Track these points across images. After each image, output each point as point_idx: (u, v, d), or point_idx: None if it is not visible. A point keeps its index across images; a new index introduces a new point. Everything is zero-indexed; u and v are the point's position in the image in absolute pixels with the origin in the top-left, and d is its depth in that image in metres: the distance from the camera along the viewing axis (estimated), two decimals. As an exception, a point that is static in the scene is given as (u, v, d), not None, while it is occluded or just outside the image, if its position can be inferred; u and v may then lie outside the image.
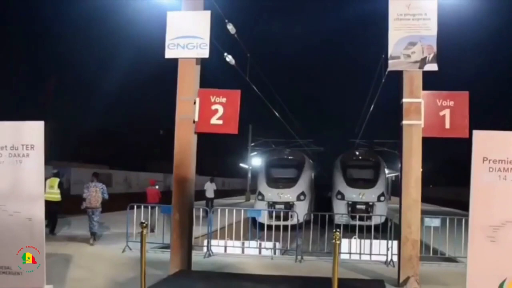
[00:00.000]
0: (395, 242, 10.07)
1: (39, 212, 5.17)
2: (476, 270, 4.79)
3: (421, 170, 8.86)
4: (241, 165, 42.11)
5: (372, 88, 18.70)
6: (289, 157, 25.76)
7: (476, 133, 4.82)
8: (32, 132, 5.19)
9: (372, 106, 22.03)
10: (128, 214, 12.22)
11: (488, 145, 4.76)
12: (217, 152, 55.75)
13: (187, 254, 9.22)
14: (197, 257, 10.65)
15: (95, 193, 12.56)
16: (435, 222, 11.33)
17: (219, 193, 44.19)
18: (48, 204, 10.97)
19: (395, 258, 10.14)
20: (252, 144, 39.05)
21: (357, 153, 27.32)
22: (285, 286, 7.79)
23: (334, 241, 5.28)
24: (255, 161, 37.42)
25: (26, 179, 5.17)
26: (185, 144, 9.20)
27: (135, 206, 12.42)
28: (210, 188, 26.41)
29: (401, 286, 8.67)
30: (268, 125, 36.04)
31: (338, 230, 5.45)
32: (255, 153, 38.85)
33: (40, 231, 5.19)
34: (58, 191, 13.41)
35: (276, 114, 24.65)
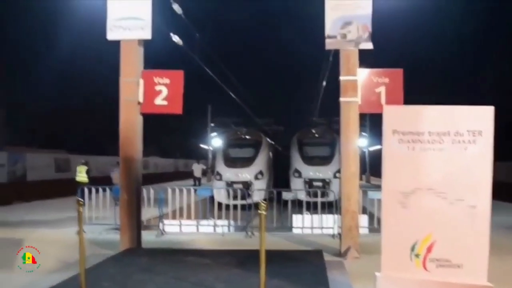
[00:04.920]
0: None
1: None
2: (390, 234, 5.18)
3: (358, 144, 9.27)
4: (201, 145, 42.14)
5: (324, 66, 19.05)
6: (247, 137, 25.96)
7: (387, 108, 5.17)
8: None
9: (324, 84, 22.41)
10: (79, 197, 12.30)
11: (397, 118, 5.11)
12: (179, 134, 55.51)
13: (136, 232, 9.44)
14: (150, 237, 10.86)
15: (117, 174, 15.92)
16: (378, 194, 11.80)
17: (183, 175, 44.25)
18: (79, 184, 16.91)
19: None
20: (212, 124, 39.08)
21: (313, 130, 27.68)
22: (227, 258, 8.11)
23: (259, 211, 5.52)
24: (215, 141, 37.55)
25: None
26: (130, 125, 9.35)
27: (86, 190, 12.49)
28: (197, 168, 27.26)
29: (342, 255, 9.12)
30: (229, 105, 36.14)
31: (265, 201, 5.71)
32: (215, 133, 38.93)
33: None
34: (85, 175, 18.39)
35: (232, 94, 24.81)
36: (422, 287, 5.15)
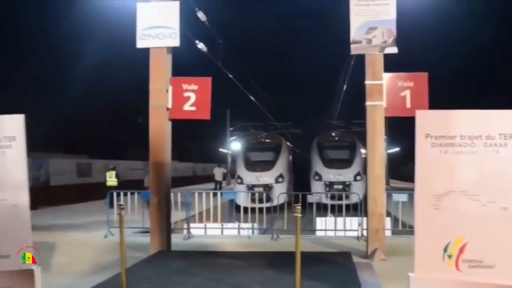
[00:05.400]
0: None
1: (24, 199, 5.51)
2: (423, 235, 5.29)
3: (384, 147, 9.41)
4: (221, 150, 42.49)
5: (344, 70, 19.22)
6: (267, 141, 26.20)
7: (419, 112, 5.29)
8: (13, 125, 5.55)
9: (345, 87, 22.55)
10: (108, 201, 12.62)
11: (429, 123, 5.23)
12: (196, 138, 55.91)
13: (166, 235, 9.67)
14: (177, 240, 11.07)
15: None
16: (403, 197, 11.89)
17: (201, 179, 44.64)
18: (109, 188, 17.68)
19: (366, 233, 10.68)
20: (231, 128, 39.41)
21: (333, 134, 27.81)
22: (257, 260, 8.29)
23: (295, 214, 5.71)
24: (234, 145, 37.86)
25: (10, 169, 5.52)
26: (159, 130, 9.59)
27: (115, 194, 12.78)
28: (218, 172, 27.59)
29: (369, 257, 9.23)
30: (247, 109, 36.47)
31: (298, 204, 5.89)
32: (234, 137, 39.25)
33: (26, 216, 5.55)
34: (115, 179, 19.82)
35: (252, 98, 25.07)
36: (455, 287, 5.26)
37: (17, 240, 5.60)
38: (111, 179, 19.96)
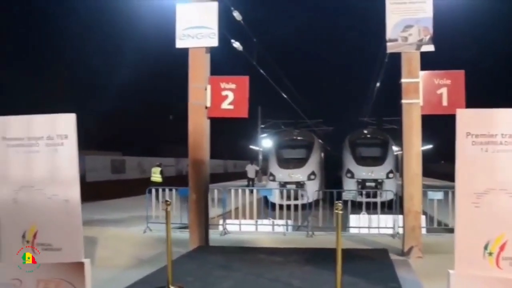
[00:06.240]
0: (401, 216, 10.58)
1: (75, 194, 5.80)
2: (464, 233, 5.35)
3: (421, 145, 9.41)
4: (252, 147, 42.71)
5: (377, 67, 19.15)
6: (299, 138, 26.25)
7: (460, 111, 5.35)
8: (65, 123, 5.83)
9: (378, 85, 22.44)
10: (147, 197, 12.93)
11: (470, 121, 5.28)
12: (227, 135, 56.35)
13: (204, 231, 9.92)
14: (214, 236, 11.29)
15: None
16: (438, 195, 11.83)
17: (232, 176, 44.98)
18: (154, 184, 18.23)
19: (401, 231, 10.69)
20: (262, 126, 39.60)
21: (365, 131, 27.70)
22: (295, 256, 8.44)
23: (336, 211, 5.83)
24: (266, 142, 38.02)
25: (61, 165, 5.80)
26: (198, 128, 9.83)
27: (154, 190, 13.09)
28: (251, 169, 27.99)
29: (405, 255, 9.26)
30: (278, 106, 36.60)
31: (340, 202, 6.00)
32: (265, 135, 39.40)
33: (76, 210, 5.83)
34: (160, 175, 20.21)
35: (284, 96, 25.15)
36: (495, 284, 5.29)
37: (68, 234, 5.89)
38: (155, 175, 20.39)
